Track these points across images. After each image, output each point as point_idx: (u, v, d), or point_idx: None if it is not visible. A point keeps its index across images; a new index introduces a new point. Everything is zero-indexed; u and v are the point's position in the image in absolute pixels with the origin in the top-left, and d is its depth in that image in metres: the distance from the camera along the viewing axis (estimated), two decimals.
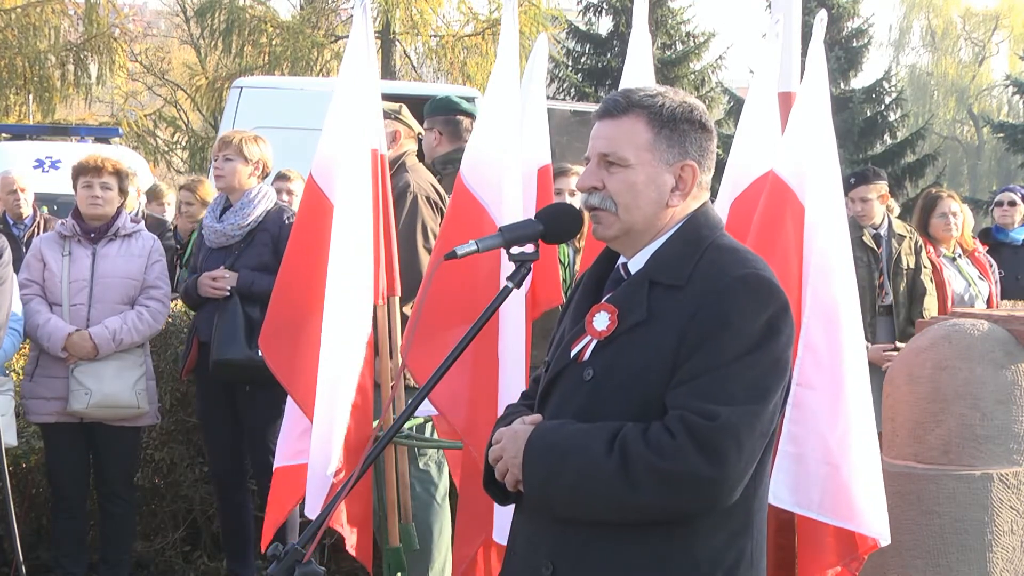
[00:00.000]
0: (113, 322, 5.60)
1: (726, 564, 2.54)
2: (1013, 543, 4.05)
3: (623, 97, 2.65)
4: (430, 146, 6.05)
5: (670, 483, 2.44)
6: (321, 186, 4.65)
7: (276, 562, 2.49)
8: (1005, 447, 4.08)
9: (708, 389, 2.46)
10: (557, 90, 27.02)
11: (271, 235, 5.67)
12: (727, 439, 2.43)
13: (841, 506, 3.74)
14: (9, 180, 8.53)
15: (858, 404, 3.78)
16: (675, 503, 2.47)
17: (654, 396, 2.50)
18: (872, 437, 3.82)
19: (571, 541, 2.56)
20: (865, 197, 6.84)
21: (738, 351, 2.47)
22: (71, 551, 5.74)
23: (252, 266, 5.65)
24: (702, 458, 2.42)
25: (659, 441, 2.44)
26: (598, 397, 2.56)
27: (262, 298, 5.50)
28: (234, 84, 12.70)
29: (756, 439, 2.49)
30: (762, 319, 2.50)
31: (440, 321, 4.19)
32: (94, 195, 5.69)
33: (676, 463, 2.42)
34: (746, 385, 2.47)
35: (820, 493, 3.76)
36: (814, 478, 3.75)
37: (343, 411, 4.45)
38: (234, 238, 5.69)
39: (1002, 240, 8.51)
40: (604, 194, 2.62)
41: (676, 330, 2.50)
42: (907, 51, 54.05)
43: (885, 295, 6.80)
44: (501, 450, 2.62)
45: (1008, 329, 4.19)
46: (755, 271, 2.55)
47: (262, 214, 5.68)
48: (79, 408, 5.56)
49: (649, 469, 2.43)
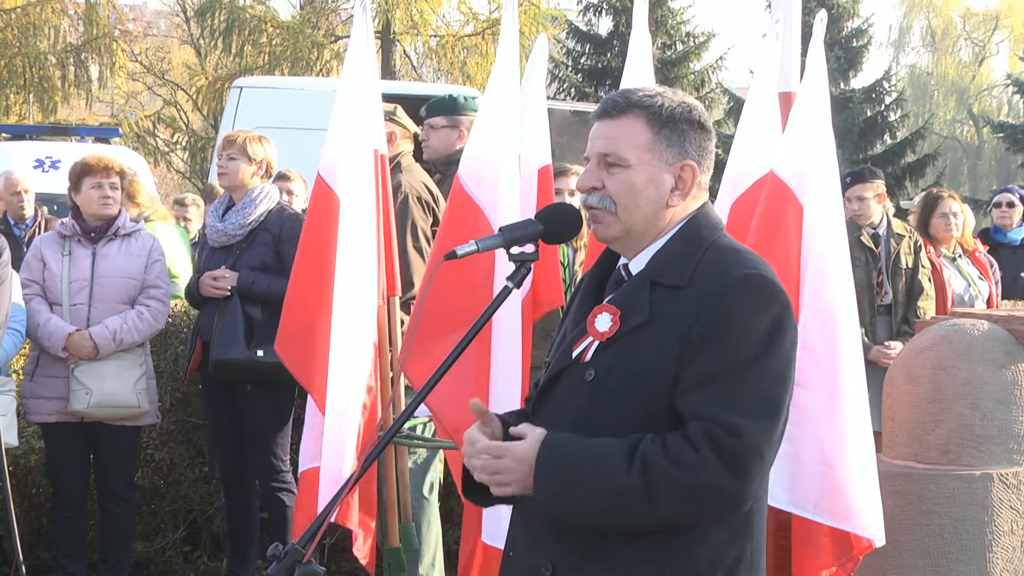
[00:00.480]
0: (113, 322, 5.59)
1: (726, 564, 2.54)
2: (1013, 543, 4.05)
3: (622, 97, 2.64)
4: (448, 142, 5.98)
5: (694, 497, 2.44)
6: (330, 184, 4.66)
7: (276, 562, 2.49)
8: (1005, 447, 4.08)
9: (725, 398, 2.44)
10: (557, 90, 27.01)
11: (272, 235, 5.64)
12: (753, 454, 2.44)
13: (837, 506, 3.75)
14: (12, 181, 8.53)
15: (854, 404, 3.78)
16: (696, 515, 2.48)
17: (656, 397, 2.50)
18: (868, 438, 3.83)
19: (571, 541, 2.55)
20: (862, 196, 6.83)
21: (747, 355, 2.46)
22: (71, 551, 5.73)
23: (253, 265, 5.63)
24: (727, 473, 2.42)
25: (680, 455, 2.42)
26: (599, 398, 2.55)
27: (262, 298, 5.55)
28: (234, 84, 12.71)
29: (773, 449, 2.51)
30: (766, 319, 2.49)
31: (438, 322, 4.19)
32: (105, 195, 5.70)
33: (700, 478, 2.42)
34: (762, 395, 2.47)
35: (816, 493, 3.77)
36: (810, 478, 3.76)
37: (355, 412, 4.46)
38: (235, 237, 5.67)
39: (1000, 240, 8.51)
40: (603, 194, 2.61)
41: (678, 331, 2.49)
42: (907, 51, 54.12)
43: (884, 294, 6.81)
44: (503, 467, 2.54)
45: (1008, 329, 4.19)
46: (757, 271, 2.54)
47: (264, 213, 5.66)
48: (79, 408, 5.56)
49: (673, 485, 2.42)
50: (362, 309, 4.54)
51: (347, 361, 4.47)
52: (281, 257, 5.57)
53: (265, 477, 5.70)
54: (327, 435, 4.46)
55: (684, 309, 2.51)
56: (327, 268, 4.53)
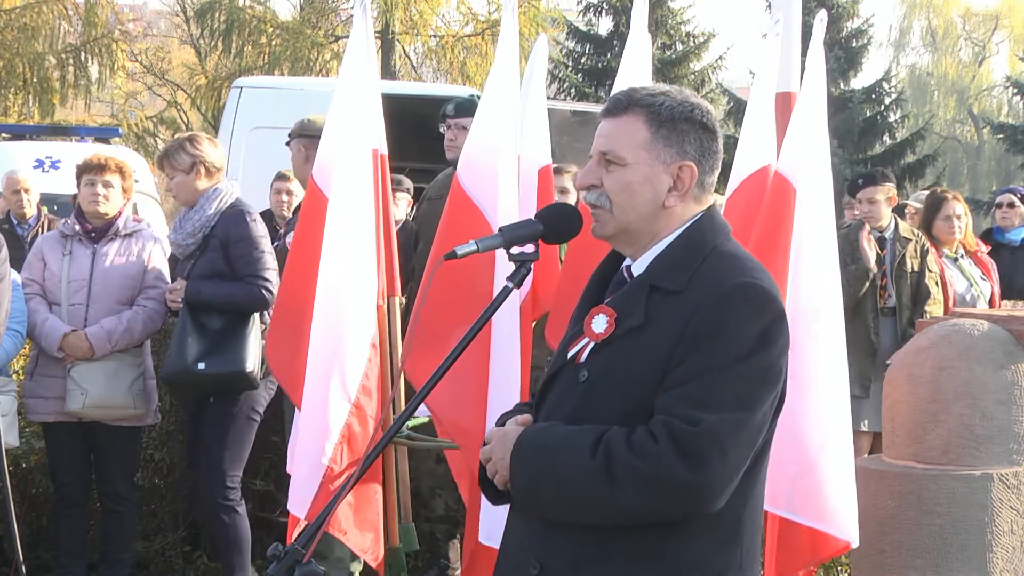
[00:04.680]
0: (109, 322, 5.56)
1: (714, 570, 2.54)
2: (1013, 543, 4.05)
3: (625, 96, 2.65)
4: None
5: (650, 486, 2.43)
6: (321, 187, 4.66)
7: (276, 562, 2.49)
8: (1005, 447, 4.08)
9: (695, 395, 2.45)
10: (557, 90, 27.03)
11: (219, 239, 5.42)
12: (709, 445, 2.42)
13: (813, 507, 3.76)
14: (14, 180, 8.55)
15: (835, 404, 3.79)
16: (657, 506, 2.46)
17: (647, 401, 2.50)
18: (848, 440, 3.84)
19: (559, 542, 2.56)
20: (873, 199, 6.91)
21: (729, 359, 2.46)
22: (71, 550, 5.72)
23: (203, 274, 5.41)
24: (682, 463, 2.41)
25: (642, 445, 2.43)
26: (591, 400, 2.56)
27: (210, 306, 5.36)
28: (234, 84, 12.71)
29: (742, 447, 2.47)
30: (756, 328, 2.49)
31: (438, 322, 4.18)
32: (95, 193, 5.66)
33: (656, 467, 2.42)
34: (734, 393, 2.46)
35: (791, 492, 3.77)
36: (787, 478, 3.76)
37: (339, 413, 4.43)
38: (189, 247, 5.49)
39: (1001, 241, 8.53)
40: (600, 192, 2.61)
41: (670, 336, 2.49)
42: (907, 51, 54.10)
43: (888, 297, 6.85)
44: (491, 451, 2.63)
45: (1008, 329, 4.19)
46: (752, 280, 2.54)
47: (214, 216, 5.43)
48: (75, 408, 5.53)
49: (630, 472, 2.43)
50: (355, 309, 4.52)
51: (330, 362, 4.44)
52: (231, 261, 5.39)
53: (207, 492, 5.51)
54: (300, 434, 4.45)
55: (678, 314, 2.51)
56: (314, 271, 4.52)
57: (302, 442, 4.43)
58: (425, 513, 5.96)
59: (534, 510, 2.59)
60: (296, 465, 4.46)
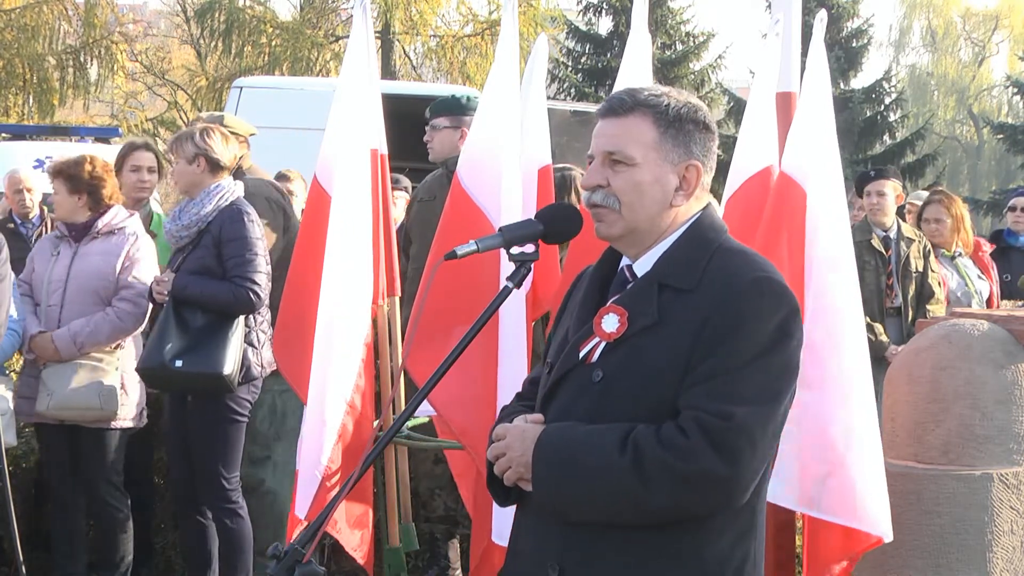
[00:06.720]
0: (76, 324, 5.44)
1: (734, 563, 2.54)
2: (1013, 543, 4.04)
3: (628, 96, 2.64)
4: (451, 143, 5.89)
5: (685, 482, 2.44)
6: (324, 185, 4.66)
7: (276, 562, 2.49)
8: (1005, 447, 4.08)
9: (722, 390, 2.46)
10: (557, 90, 27.05)
11: (213, 236, 5.25)
12: (742, 439, 2.44)
13: (844, 506, 3.75)
14: (16, 179, 8.54)
15: (861, 403, 3.78)
16: (689, 503, 2.46)
17: (665, 399, 2.50)
18: (875, 436, 3.83)
19: (578, 542, 2.54)
20: (881, 191, 7.05)
21: (752, 353, 2.48)
22: (69, 550, 5.67)
23: (192, 269, 5.25)
24: (717, 457, 2.42)
25: (672, 440, 2.43)
26: (608, 399, 2.55)
27: (194, 303, 5.19)
28: (234, 84, 12.71)
29: (768, 439, 2.50)
30: (774, 322, 2.50)
31: (439, 322, 4.18)
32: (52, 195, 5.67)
33: (690, 462, 2.42)
34: (759, 387, 2.48)
35: (822, 493, 3.76)
36: (815, 477, 3.76)
37: (335, 412, 4.44)
38: (183, 239, 5.33)
39: (1011, 244, 8.57)
40: (608, 191, 2.61)
41: (690, 333, 2.50)
42: (907, 51, 54.12)
43: (894, 297, 6.89)
44: (505, 447, 2.60)
45: (1008, 329, 4.19)
46: (766, 275, 2.55)
47: (211, 212, 5.26)
48: (41, 409, 5.43)
49: (662, 467, 2.43)
50: (351, 308, 4.52)
51: (329, 360, 4.43)
52: (223, 259, 5.22)
53: (209, 497, 5.38)
54: (304, 434, 4.44)
55: (693, 312, 2.51)
56: (318, 269, 4.52)
57: (306, 441, 4.44)
58: (425, 513, 5.96)
59: (556, 509, 2.56)
60: (301, 464, 4.46)
